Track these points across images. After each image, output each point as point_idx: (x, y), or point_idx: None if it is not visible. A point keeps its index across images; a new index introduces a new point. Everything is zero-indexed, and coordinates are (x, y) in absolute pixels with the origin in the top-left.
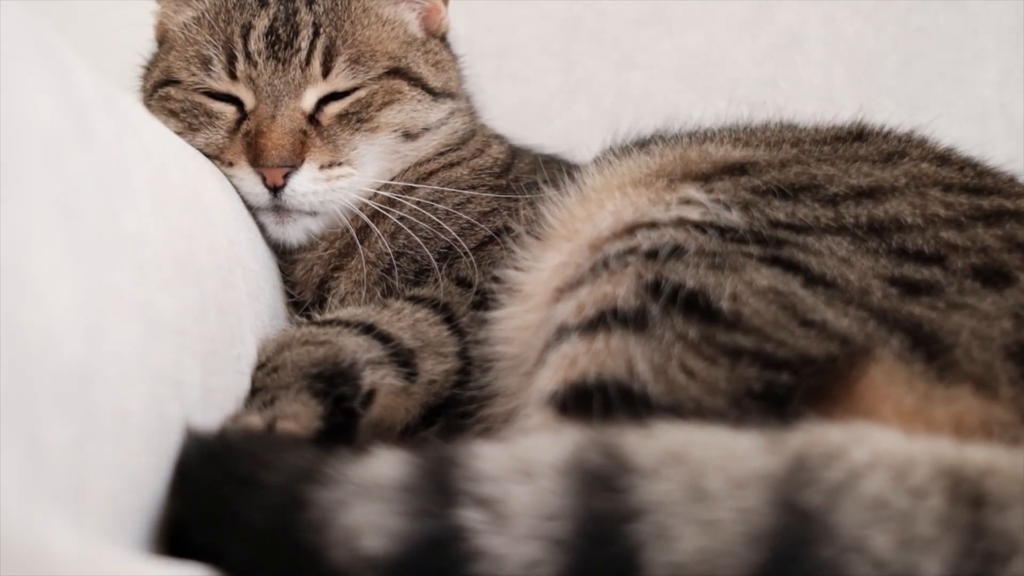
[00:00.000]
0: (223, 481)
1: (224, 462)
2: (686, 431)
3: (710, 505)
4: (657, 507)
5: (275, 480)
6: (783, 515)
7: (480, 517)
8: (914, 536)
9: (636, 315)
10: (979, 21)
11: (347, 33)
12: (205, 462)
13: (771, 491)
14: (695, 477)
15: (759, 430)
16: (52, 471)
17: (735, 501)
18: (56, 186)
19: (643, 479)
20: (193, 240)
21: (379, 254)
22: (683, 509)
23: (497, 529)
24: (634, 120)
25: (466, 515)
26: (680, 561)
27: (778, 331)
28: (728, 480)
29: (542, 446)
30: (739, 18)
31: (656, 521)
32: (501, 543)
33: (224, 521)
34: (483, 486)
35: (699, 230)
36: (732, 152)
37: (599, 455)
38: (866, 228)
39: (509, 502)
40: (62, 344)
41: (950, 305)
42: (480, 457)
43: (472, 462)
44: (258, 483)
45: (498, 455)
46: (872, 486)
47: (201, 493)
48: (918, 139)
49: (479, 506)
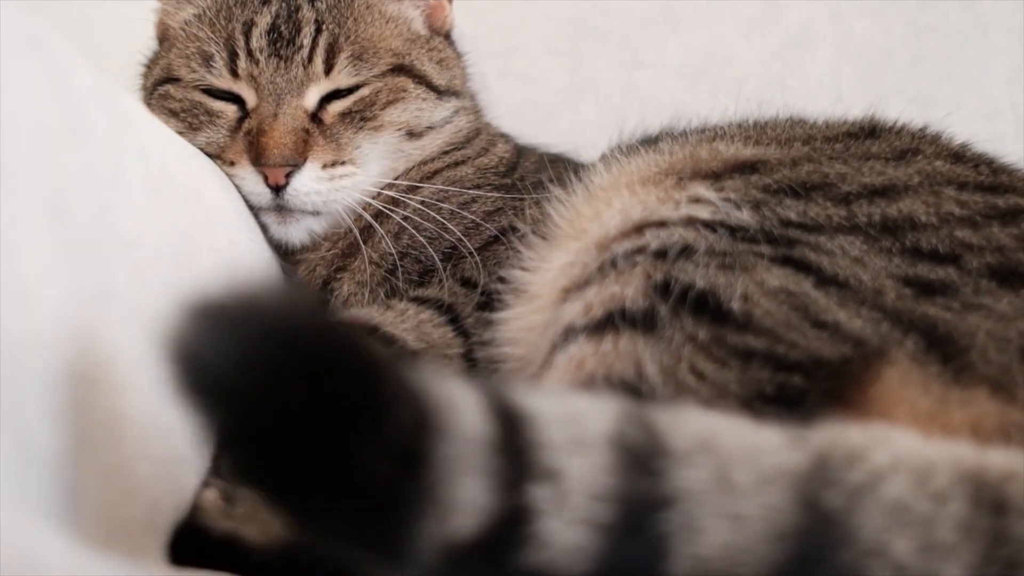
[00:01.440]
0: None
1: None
2: (713, 418)
3: (738, 498)
4: (688, 495)
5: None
6: (805, 515)
7: (546, 494)
8: (935, 541)
9: (645, 316)
10: (989, 19)
11: (350, 30)
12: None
13: (794, 489)
14: (724, 467)
15: (779, 426)
16: (43, 479)
17: (761, 497)
18: (47, 183)
19: (676, 464)
20: (193, 241)
21: (383, 254)
22: (712, 500)
23: (557, 509)
24: (641, 119)
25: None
26: (705, 555)
27: (790, 332)
28: (756, 474)
29: (590, 410)
30: (747, 17)
31: (686, 511)
32: (556, 527)
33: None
34: (548, 455)
35: (709, 229)
36: (743, 150)
37: (639, 431)
38: (879, 227)
39: (569, 476)
40: (52, 347)
41: (965, 306)
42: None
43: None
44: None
45: (553, 410)
46: (893, 490)
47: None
48: (932, 135)
49: (545, 480)
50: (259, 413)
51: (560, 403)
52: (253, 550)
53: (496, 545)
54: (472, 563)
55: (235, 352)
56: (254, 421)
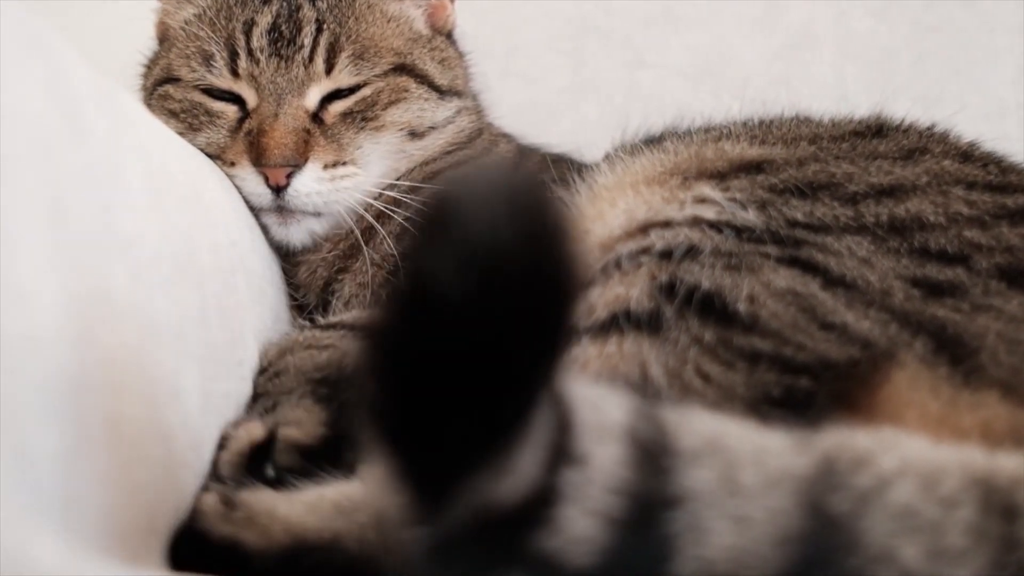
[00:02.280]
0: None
1: None
2: (720, 419)
3: (744, 500)
4: (695, 495)
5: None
6: (811, 519)
7: (574, 479)
8: (944, 547)
9: (650, 317)
10: (994, 18)
11: (351, 29)
12: None
13: (800, 493)
14: (732, 468)
15: (785, 430)
16: (39, 481)
17: (767, 499)
18: (44, 183)
19: (685, 463)
20: (193, 241)
21: (384, 256)
22: (718, 501)
23: (578, 497)
24: (643, 120)
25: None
26: (710, 557)
27: (797, 334)
28: (762, 476)
29: (609, 400)
30: (749, 16)
31: (693, 511)
32: (573, 515)
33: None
34: (579, 439)
35: (715, 229)
36: (748, 150)
37: (649, 426)
38: (887, 227)
39: (593, 465)
40: (49, 348)
41: (975, 307)
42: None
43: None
44: None
45: (582, 393)
46: (901, 494)
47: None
48: (939, 134)
49: (576, 465)
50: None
51: (585, 386)
52: (252, 555)
53: (523, 520)
54: (493, 531)
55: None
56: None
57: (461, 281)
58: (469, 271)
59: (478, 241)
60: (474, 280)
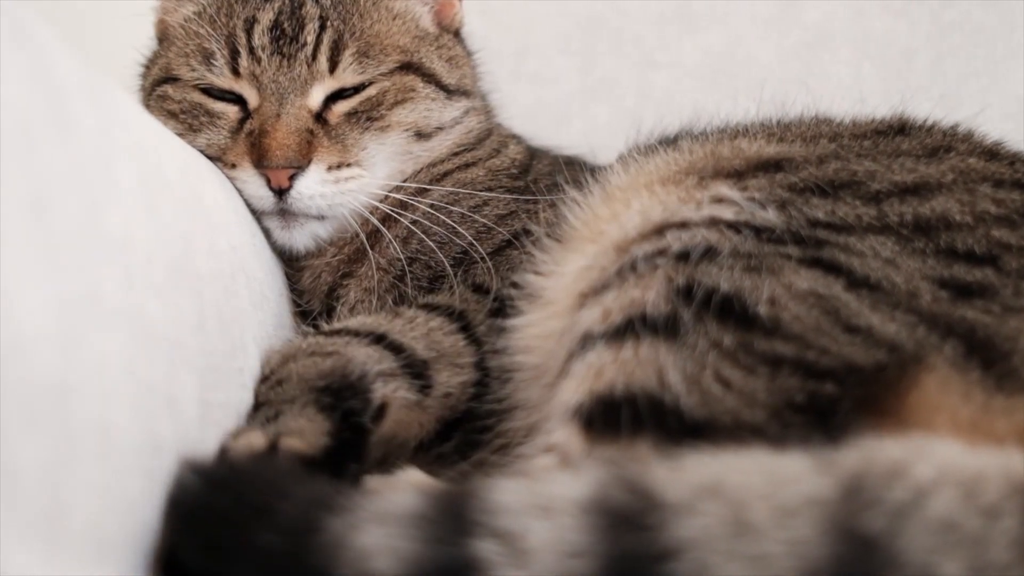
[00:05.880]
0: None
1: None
2: (720, 459)
3: (756, 538)
4: (695, 544)
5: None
6: (840, 543)
7: (497, 549)
8: (989, 562)
9: (667, 321)
10: (1015, 17)
11: (355, 26)
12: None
13: (825, 518)
14: (735, 509)
15: (805, 450)
16: (23, 493)
17: (784, 532)
18: (27, 180)
19: (676, 515)
20: (191, 244)
21: (391, 260)
22: (725, 545)
23: (516, 563)
24: (656, 121)
25: (482, 546)
26: None
27: (820, 338)
28: (774, 509)
29: (563, 482)
30: (764, 15)
31: (696, 559)
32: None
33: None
34: (500, 519)
35: (733, 230)
36: (766, 148)
37: (624, 492)
38: (912, 227)
39: (528, 537)
40: (34, 354)
41: (1005, 308)
42: (497, 490)
43: (489, 495)
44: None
45: (516, 488)
46: (940, 506)
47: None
48: (964, 132)
49: (496, 538)
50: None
51: (529, 482)
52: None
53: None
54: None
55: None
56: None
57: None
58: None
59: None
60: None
